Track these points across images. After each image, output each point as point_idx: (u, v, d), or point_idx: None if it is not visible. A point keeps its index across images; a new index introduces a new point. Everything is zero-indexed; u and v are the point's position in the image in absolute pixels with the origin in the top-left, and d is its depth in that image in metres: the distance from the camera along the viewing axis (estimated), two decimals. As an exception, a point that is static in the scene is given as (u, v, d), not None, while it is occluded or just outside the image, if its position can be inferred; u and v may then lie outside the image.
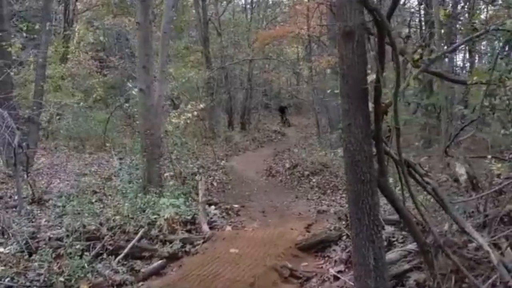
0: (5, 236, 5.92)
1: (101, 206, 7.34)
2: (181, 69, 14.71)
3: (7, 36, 10.68)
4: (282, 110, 25.38)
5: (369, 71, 3.48)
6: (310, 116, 23.43)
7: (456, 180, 5.81)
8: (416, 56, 3.59)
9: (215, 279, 4.79)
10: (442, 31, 9.54)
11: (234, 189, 10.82)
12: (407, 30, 12.04)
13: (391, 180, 4.75)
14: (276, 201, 9.73)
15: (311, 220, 7.87)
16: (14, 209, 7.61)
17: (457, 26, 12.42)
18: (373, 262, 3.44)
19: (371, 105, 3.51)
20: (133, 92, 10.41)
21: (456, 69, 18.18)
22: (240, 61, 19.53)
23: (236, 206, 9.03)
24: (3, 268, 5.00)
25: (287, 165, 12.97)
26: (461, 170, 5.57)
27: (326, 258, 5.63)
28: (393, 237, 5.36)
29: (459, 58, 19.18)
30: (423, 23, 14.87)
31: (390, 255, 4.85)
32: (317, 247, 5.89)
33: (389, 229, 5.64)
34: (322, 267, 5.38)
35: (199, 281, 4.76)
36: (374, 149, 3.61)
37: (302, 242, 5.96)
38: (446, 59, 13.61)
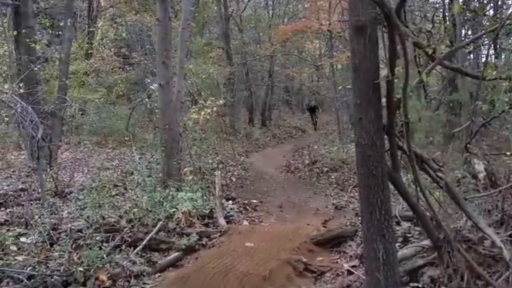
0: (28, 227, 6.10)
1: (121, 199, 7.48)
2: (202, 65, 14.81)
3: (31, 32, 10.92)
4: (312, 110, 23.29)
5: (382, 66, 3.48)
6: (331, 113, 23.33)
7: (475, 177, 5.73)
8: (430, 50, 3.55)
9: (229, 271, 4.85)
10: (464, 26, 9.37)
11: (253, 185, 10.87)
12: (430, 26, 11.87)
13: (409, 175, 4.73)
14: (294, 197, 9.75)
15: (328, 216, 7.88)
16: (37, 201, 7.79)
17: (482, 21, 12.16)
18: (384, 256, 3.45)
19: (384, 100, 3.52)
20: (152, 88, 10.54)
21: (481, 65, 17.82)
22: (261, 57, 19.53)
23: (254, 201, 9.08)
24: (25, 257, 5.16)
25: (307, 162, 12.97)
26: (479, 167, 5.49)
27: (342, 253, 5.63)
28: (409, 233, 5.32)
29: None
30: (447, 19, 14.61)
31: (405, 251, 4.83)
32: (333, 242, 5.90)
33: (405, 225, 5.61)
34: (337, 262, 5.39)
35: (213, 273, 4.81)
36: (387, 144, 3.62)
37: (317, 237, 5.97)
38: (471, 55, 13.37)
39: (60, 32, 16.08)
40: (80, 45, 17.51)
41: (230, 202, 8.35)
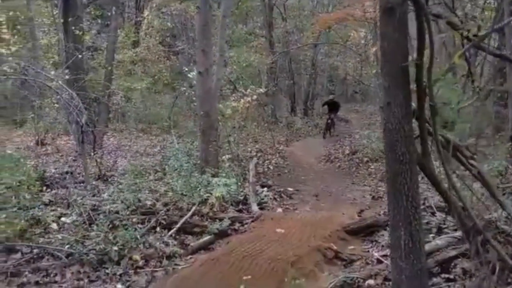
0: (70, 208, 6.37)
1: (160, 184, 7.67)
2: (243, 54, 14.86)
3: (79, 21, 11.32)
4: (330, 107, 17.42)
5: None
6: (376, 104, 22.81)
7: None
8: (465, 32, 3.42)
9: (257, 255, 4.89)
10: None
11: (291, 173, 10.86)
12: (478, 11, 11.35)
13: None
14: (332, 186, 9.66)
15: (365, 206, 7.76)
16: (81, 184, 8.13)
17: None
18: (410, 244, 3.36)
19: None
20: (190, 76, 10.69)
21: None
22: (303, 45, 19.35)
23: (290, 189, 9.08)
24: (65, 236, 5.41)
25: (347, 151, 12.81)
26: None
27: (374, 243, 5.56)
28: (444, 223, 5.18)
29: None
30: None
31: (438, 241, 4.73)
32: (366, 232, 5.82)
33: (440, 216, 5.47)
34: (368, 251, 5.33)
35: (242, 256, 4.88)
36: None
37: (350, 225, 5.91)
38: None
39: (109, 22, 16.58)
40: (127, 35, 17.98)
41: (265, 189, 8.37)
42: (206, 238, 5.86)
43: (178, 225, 6.04)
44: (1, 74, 7.26)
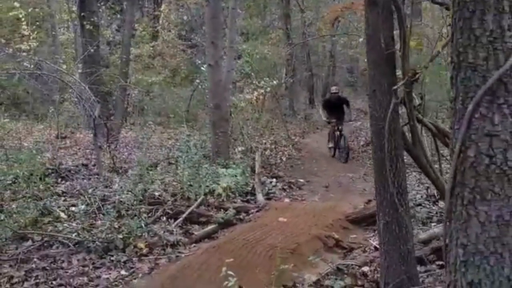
0: (81, 198, 6.58)
1: (170, 175, 7.83)
2: (257, 46, 14.89)
3: (93, 16, 11.54)
4: (333, 107, 11.65)
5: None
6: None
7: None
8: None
9: (258, 243, 4.98)
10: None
11: (303, 165, 10.87)
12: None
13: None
14: (343, 177, 9.65)
15: (373, 196, 7.73)
16: (96, 176, 8.35)
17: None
18: (397, 230, 3.40)
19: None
20: (203, 69, 10.80)
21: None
22: (320, 37, 19.22)
23: (301, 180, 9.11)
24: (73, 224, 5.61)
25: (361, 143, 12.75)
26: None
27: (376, 231, 5.56)
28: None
29: None
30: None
31: (435, 229, 4.77)
32: (368, 221, 5.83)
33: (442, 204, 5.44)
34: (369, 240, 5.35)
35: (242, 244, 4.97)
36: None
37: (352, 215, 5.95)
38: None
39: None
40: (144, 29, 18.24)
41: (274, 180, 8.45)
42: (210, 227, 5.98)
43: (184, 215, 6.17)
44: (16, 69, 7.50)
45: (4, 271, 4.72)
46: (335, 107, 11.67)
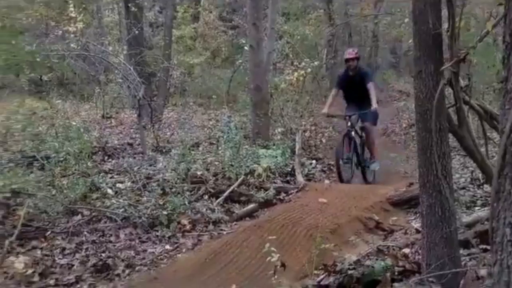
0: (127, 176, 6.83)
1: (211, 155, 7.98)
2: (298, 27, 14.77)
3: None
4: (356, 90, 7.53)
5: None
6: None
7: None
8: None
9: (297, 223, 5.04)
10: None
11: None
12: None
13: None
14: (385, 160, 9.52)
15: (415, 179, 7.63)
16: (140, 154, 8.61)
17: None
18: (440, 212, 3.37)
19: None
20: (245, 48, 10.83)
21: None
22: (362, 16, 18.84)
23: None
24: (120, 200, 5.84)
25: (404, 125, 12.52)
26: None
27: (418, 214, 5.51)
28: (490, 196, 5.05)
29: None
30: None
31: (480, 213, 4.67)
32: (410, 203, 5.77)
33: (488, 188, 5.32)
34: (411, 222, 5.32)
35: (282, 224, 5.04)
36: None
37: (394, 197, 5.90)
38: None
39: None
40: (186, 10, 18.38)
41: (314, 161, 8.46)
42: (251, 206, 6.11)
43: (225, 194, 6.32)
44: (65, 51, 7.78)
45: (57, 243, 5.00)
46: (355, 88, 7.46)
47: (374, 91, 7.40)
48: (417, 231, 4.71)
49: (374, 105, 7.24)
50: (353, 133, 7.50)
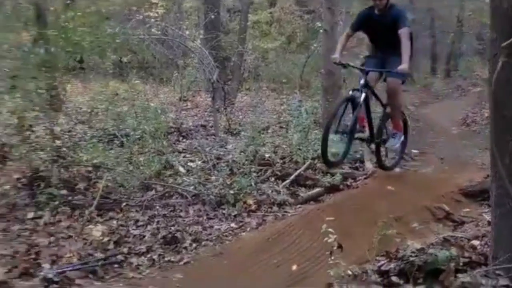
0: (198, 155, 7.11)
1: (280, 138, 8.07)
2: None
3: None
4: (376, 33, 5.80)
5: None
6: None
7: None
8: None
9: (363, 209, 5.01)
10: None
11: (419, 136, 10.42)
12: None
13: None
14: (462, 150, 9.09)
15: (493, 171, 7.23)
16: (213, 136, 8.89)
17: None
18: (510, 203, 3.21)
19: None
20: (321, 31, 10.69)
21: None
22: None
23: (414, 151, 8.77)
24: (191, 178, 6.11)
25: (486, 114, 11.80)
26: None
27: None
28: None
29: None
30: None
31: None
32: (485, 195, 5.49)
33: None
34: (483, 215, 5.08)
35: (347, 209, 5.04)
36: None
37: (467, 188, 5.66)
38: None
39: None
40: (262, -5, 18.48)
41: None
42: (316, 190, 6.13)
43: (292, 177, 6.39)
44: (145, 35, 8.18)
45: (131, 215, 5.38)
46: (381, 32, 5.64)
47: (408, 41, 5.34)
48: (489, 223, 4.49)
49: (405, 63, 5.19)
50: (362, 97, 5.36)
